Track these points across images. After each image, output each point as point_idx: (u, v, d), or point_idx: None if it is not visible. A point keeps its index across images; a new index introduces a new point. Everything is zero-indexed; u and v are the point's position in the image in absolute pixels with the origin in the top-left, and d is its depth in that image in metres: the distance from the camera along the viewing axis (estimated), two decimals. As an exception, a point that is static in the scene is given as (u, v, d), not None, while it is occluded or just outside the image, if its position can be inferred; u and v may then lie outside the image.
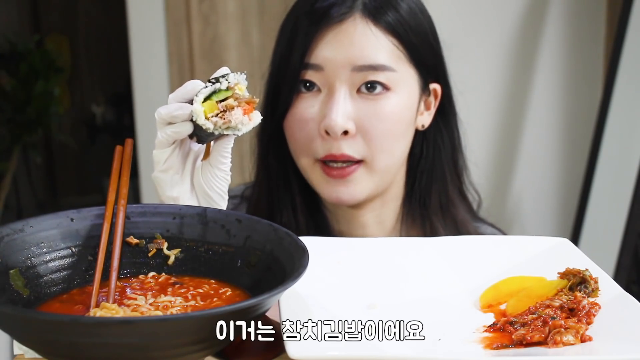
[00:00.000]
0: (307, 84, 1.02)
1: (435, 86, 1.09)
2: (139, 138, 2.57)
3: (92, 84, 4.75)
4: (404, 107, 1.03)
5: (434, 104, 1.10)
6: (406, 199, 1.12)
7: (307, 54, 1.01)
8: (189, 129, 0.79)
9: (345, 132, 1.00)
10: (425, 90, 1.08)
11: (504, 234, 1.16)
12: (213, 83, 0.79)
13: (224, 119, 0.78)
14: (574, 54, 2.44)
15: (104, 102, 4.68)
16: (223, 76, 0.79)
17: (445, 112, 1.11)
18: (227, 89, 0.79)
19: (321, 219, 1.12)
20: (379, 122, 1.01)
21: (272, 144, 1.09)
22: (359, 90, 1.01)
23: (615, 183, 2.22)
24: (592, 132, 2.31)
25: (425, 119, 1.09)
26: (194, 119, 0.78)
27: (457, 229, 1.10)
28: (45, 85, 3.88)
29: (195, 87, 0.79)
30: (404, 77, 1.03)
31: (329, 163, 1.02)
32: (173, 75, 2.50)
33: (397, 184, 1.11)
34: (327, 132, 1.00)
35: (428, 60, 1.06)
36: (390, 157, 1.04)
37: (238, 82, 0.79)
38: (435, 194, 1.10)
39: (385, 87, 1.01)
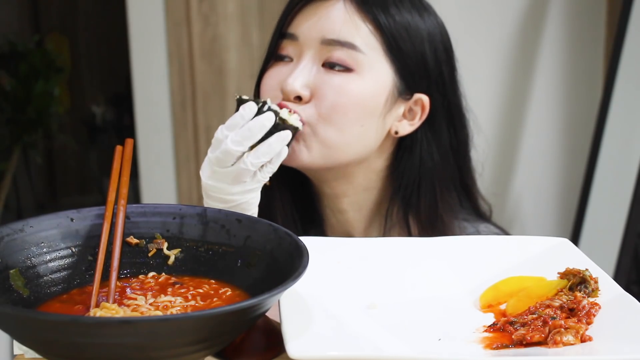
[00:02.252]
0: (285, 57, 1.07)
1: (421, 97, 1.07)
2: (139, 138, 2.57)
3: (92, 84, 4.75)
4: (365, 92, 1.02)
5: (419, 116, 1.08)
6: (392, 201, 1.11)
7: (285, 25, 1.06)
8: (288, 135, 0.94)
9: (299, 99, 1.02)
10: (404, 95, 1.06)
11: (507, 234, 1.16)
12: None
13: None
14: (574, 54, 2.44)
15: (104, 102, 4.68)
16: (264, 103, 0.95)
17: (436, 127, 1.09)
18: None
19: (310, 207, 1.16)
20: (334, 94, 1.01)
21: None
22: (324, 65, 1.03)
23: (615, 183, 2.22)
24: (592, 132, 2.31)
25: (403, 127, 1.08)
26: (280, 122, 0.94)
27: None
28: (45, 85, 3.88)
29: (252, 108, 0.93)
30: (372, 64, 1.03)
31: None
32: (173, 75, 2.50)
33: (369, 178, 1.10)
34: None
35: (414, 66, 1.05)
36: (338, 133, 1.02)
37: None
38: (424, 210, 1.09)
39: (349, 69, 1.02)
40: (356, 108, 1.02)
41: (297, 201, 1.14)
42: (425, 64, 1.06)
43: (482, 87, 2.35)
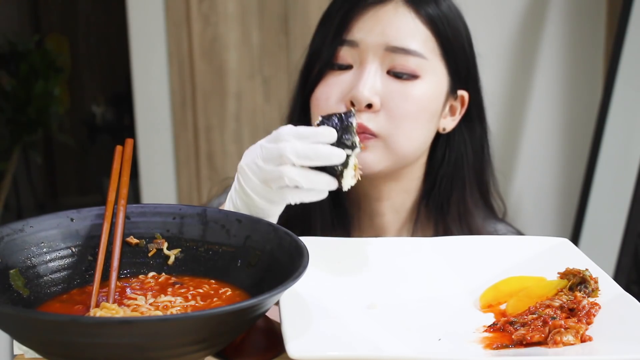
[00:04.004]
0: (343, 66, 1.04)
1: (463, 93, 1.09)
2: (139, 138, 2.57)
3: (92, 84, 4.76)
4: (430, 95, 1.03)
5: (459, 111, 1.10)
6: (423, 200, 1.12)
7: (344, 31, 1.03)
8: (335, 184, 0.82)
9: (370, 106, 1.00)
10: (452, 93, 1.08)
11: (522, 234, 1.16)
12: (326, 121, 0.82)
13: (355, 178, 0.83)
14: (574, 54, 2.44)
15: (104, 102, 4.68)
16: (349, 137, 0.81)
17: (471, 122, 1.12)
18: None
19: (343, 210, 1.13)
20: (405, 102, 1.01)
21: (300, 123, 1.11)
22: (388, 72, 1.02)
23: (615, 183, 2.22)
24: (592, 132, 2.31)
25: (448, 123, 1.09)
26: (339, 173, 0.81)
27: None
28: (45, 85, 3.88)
29: (333, 135, 0.80)
30: (434, 68, 1.04)
31: None
32: (173, 75, 2.50)
33: (413, 178, 1.11)
34: (352, 104, 1.01)
35: (460, 63, 1.07)
36: (408, 141, 1.03)
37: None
38: (454, 201, 1.10)
39: (414, 76, 1.02)
40: (424, 113, 1.03)
41: (333, 206, 1.12)
42: (467, 61, 1.08)
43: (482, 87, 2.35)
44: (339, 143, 0.80)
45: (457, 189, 1.11)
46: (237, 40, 2.46)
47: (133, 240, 0.77)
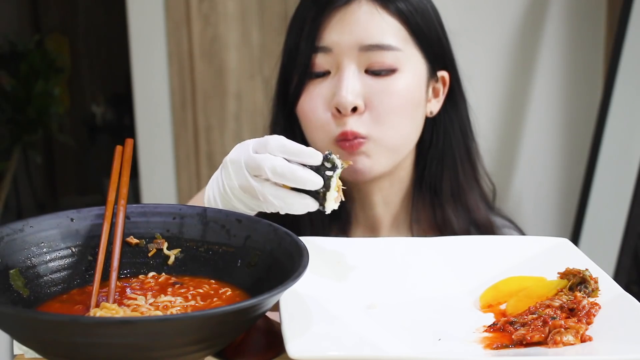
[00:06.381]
0: (321, 73, 1.04)
1: (443, 73, 1.10)
2: (139, 138, 2.57)
3: (92, 84, 4.76)
4: (411, 86, 1.04)
5: (442, 91, 1.11)
6: (416, 184, 1.13)
7: (315, 38, 1.03)
8: (314, 206, 0.79)
9: (355, 109, 1.01)
10: (432, 76, 1.09)
11: (517, 227, 1.17)
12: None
13: (340, 199, 0.80)
14: (574, 54, 2.44)
15: (104, 102, 4.68)
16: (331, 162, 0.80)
17: (455, 100, 1.13)
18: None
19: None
20: (388, 98, 1.02)
21: (285, 135, 1.10)
22: (367, 71, 1.02)
23: (615, 183, 2.22)
24: (592, 132, 2.31)
25: (434, 106, 1.11)
26: (321, 195, 0.79)
27: (470, 216, 1.12)
28: (45, 85, 3.88)
29: (317, 158, 0.79)
30: (410, 58, 1.04)
31: (340, 142, 1.03)
32: (173, 75, 2.50)
33: (404, 167, 1.12)
34: (338, 110, 1.01)
35: (435, 46, 1.08)
36: (398, 135, 1.04)
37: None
38: (447, 180, 1.12)
39: (392, 70, 1.02)
40: (409, 105, 1.04)
41: None
42: (440, 41, 1.09)
43: (482, 87, 2.35)
44: (320, 166, 0.79)
45: (448, 168, 1.12)
46: (237, 40, 2.46)
47: (133, 240, 0.77)
